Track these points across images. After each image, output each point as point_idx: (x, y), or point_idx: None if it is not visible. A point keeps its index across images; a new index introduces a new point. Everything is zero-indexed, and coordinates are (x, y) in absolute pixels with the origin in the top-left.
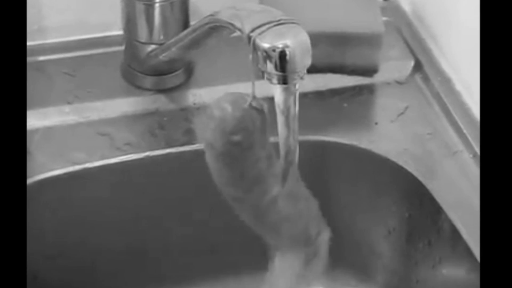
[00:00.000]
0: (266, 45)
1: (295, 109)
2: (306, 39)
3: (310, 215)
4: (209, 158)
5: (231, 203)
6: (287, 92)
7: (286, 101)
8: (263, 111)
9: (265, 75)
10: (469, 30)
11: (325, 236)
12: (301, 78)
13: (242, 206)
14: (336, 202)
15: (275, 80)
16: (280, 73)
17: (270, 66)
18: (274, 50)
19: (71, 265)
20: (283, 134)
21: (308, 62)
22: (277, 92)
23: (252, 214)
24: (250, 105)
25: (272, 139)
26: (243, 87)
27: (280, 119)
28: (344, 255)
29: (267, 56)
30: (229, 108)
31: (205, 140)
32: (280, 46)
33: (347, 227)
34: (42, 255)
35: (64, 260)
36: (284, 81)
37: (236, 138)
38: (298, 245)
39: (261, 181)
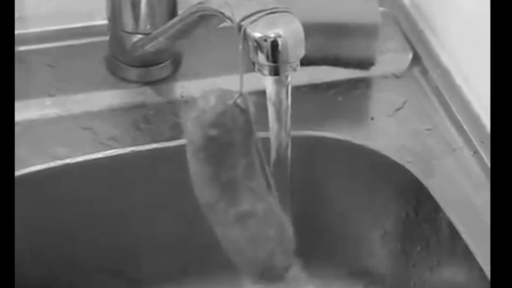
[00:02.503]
0: (257, 35)
1: (287, 101)
2: (299, 28)
3: (280, 242)
4: (187, 151)
5: (204, 210)
6: (279, 84)
7: (277, 93)
8: (247, 112)
9: (256, 66)
10: (470, 21)
11: (295, 273)
12: (294, 69)
13: (211, 213)
14: (329, 201)
15: (266, 71)
16: (271, 64)
17: (261, 57)
18: (265, 40)
19: (50, 267)
20: (274, 128)
21: (301, 52)
22: (268, 83)
23: (220, 226)
24: (235, 102)
25: (264, 134)
26: (233, 80)
27: (271, 112)
28: (337, 256)
29: (258, 46)
30: (212, 100)
31: (186, 130)
32: (272, 35)
33: (340, 227)
34: (19, 255)
35: (42, 262)
36: (275, 72)
37: (213, 132)
38: (262, 273)
39: (234, 190)
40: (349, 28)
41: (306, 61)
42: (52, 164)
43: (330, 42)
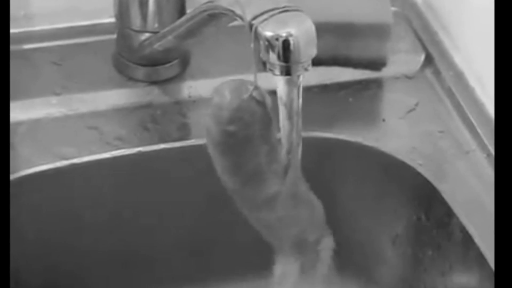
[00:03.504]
0: (268, 34)
1: (299, 102)
2: (311, 27)
3: (309, 220)
4: (208, 144)
5: (230, 194)
6: (290, 84)
7: (289, 93)
8: (264, 103)
9: (267, 66)
10: (484, 21)
11: (327, 244)
12: (306, 69)
13: (238, 199)
14: (339, 203)
15: (277, 71)
16: (283, 64)
17: (272, 56)
18: (277, 39)
19: (56, 268)
20: (285, 128)
21: (313, 52)
22: (279, 83)
23: (248, 210)
24: (251, 95)
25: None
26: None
27: (282, 112)
28: (347, 260)
29: (270, 45)
30: (228, 96)
31: (204, 125)
32: (284, 34)
33: (351, 230)
34: (25, 256)
35: (48, 263)
36: (287, 72)
37: (231, 128)
38: (294, 250)
39: (259, 176)
40: (360, 28)
41: (316, 61)
42: (58, 164)
43: (341, 42)
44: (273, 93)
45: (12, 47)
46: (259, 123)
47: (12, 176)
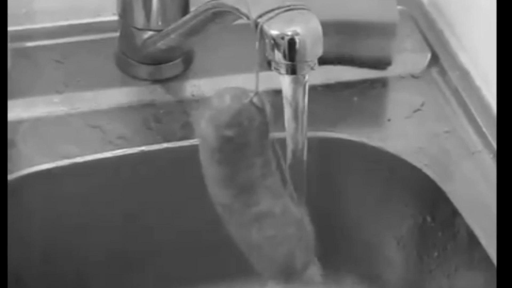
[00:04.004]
0: (274, 32)
1: (304, 101)
2: (317, 26)
3: (298, 242)
4: (201, 152)
5: (220, 211)
6: (296, 83)
7: (294, 92)
8: (264, 111)
9: (273, 65)
10: (490, 21)
11: (314, 271)
12: (312, 68)
13: (228, 216)
14: (344, 204)
15: (283, 70)
16: (288, 63)
17: (278, 55)
18: (283, 38)
19: (58, 268)
20: (291, 128)
21: (319, 51)
22: (285, 83)
23: (237, 227)
24: (251, 101)
25: (280, 134)
26: (246, 79)
27: (287, 112)
28: (351, 262)
29: (275, 44)
30: (227, 100)
31: (199, 131)
32: (290, 33)
33: (355, 231)
34: (26, 256)
35: (50, 263)
36: (292, 71)
37: (229, 132)
38: (281, 274)
39: (251, 190)
40: (365, 27)
41: (321, 60)
42: (60, 163)
43: (346, 41)
44: (279, 92)
45: (14, 45)
46: (257, 131)
47: (14, 175)
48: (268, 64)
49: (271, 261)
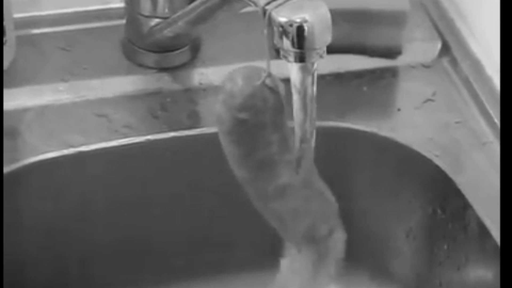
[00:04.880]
0: (282, 20)
1: (313, 90)
2: (326, 13)
3: (321, 212)
4: (219, 132)
5: (241, 183)
6: (305, 71)
7: (303, 80)
8: (277, 91)
9: (281, 53)
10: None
11: (338, 236)
12: (321, 56)
13: (250, 189)
14: (352, 195)
15: (291, 58)
16: (297, 50)
17: (286, 43)
18: (291, 25)
19: (62, 256)
20: (299, 117)
21: (328, 38)
22: (293, 70)
23: (259, 200)
24: (264, 82)
25: (288, 123)
26: None
27: (296, 100)
28: (360, 253)
29: (284, 31)
30: (240, 82)
31: (216, 112)
32: (298, 20)
33: (364, 223)
34: (30, 245)
35: (54, 251)
36: (301, 59)
37: (242, 115)
38: (305, 242)
39: (270, 166)
40: (376, 15)
41: (330, 49)
42: (65, 151)
43: (356, 29)
44: (287, 81)
45: (19, 32)
46: (271, 111)
47: (19, 164)
48: (276, 52)
49: (296, 231)
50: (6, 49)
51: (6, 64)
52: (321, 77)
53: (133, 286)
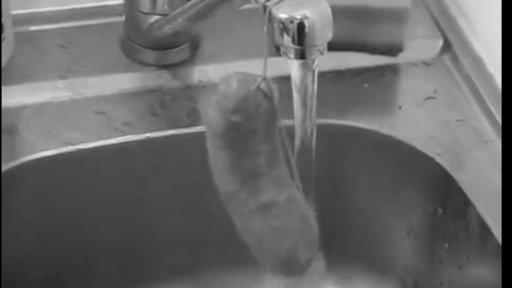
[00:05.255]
0: (283, 16)
1: (313, 87)
2: (327, 10)
3: (303, 236)
4: (207, 137)
5: (224, 200)
6: (305, 68)
7: (303, 78)
8: (271, 97)
9: (281, 49)
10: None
11: (318, 267)
12: (321, 53)
13: (232, 205)
14: (353, 193)
15: (292, 55)
16: (297, 47)
17: (287, 39)
18: (291, 22)
19: (61, 255)
20: (299, 114)
21: (329, 35)
22: (294, 68)
23: (239, 215)
24: (258, 87)
25: (288, 121)
26: (254, 64)
27: (296, 98)
28: (361, 252)
29: (284, 28)
30: (234, 85)
31: (206, 116)
32: (299, 17)
33: (364, 221)
34: (29, 242)
35: (53, 251)
36: (301, 55)
37: (234, 118)
38: (283, 268)
39: (255, 179)
40: (377, 12)
41: (330, 46)
42: (64, 149)
43: (357, 26)
44: (287, 78)
45: (17, 29)
46: (264, 118)
47: (16, 162)
48: (276, 49)
49: (273, 253)
50: (4, 46)
51: (4, 61)
52: (322, 75)
53: (131, 285)
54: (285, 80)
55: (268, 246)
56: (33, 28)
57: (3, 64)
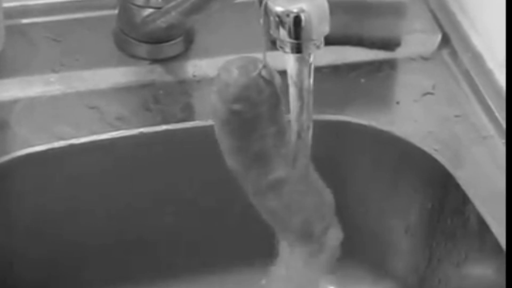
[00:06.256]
0: (279, 9)
1: (310, 81)
2: (324, 3)
3: (316, 209)
4: (214, 123)
5: (235, 176)
6: (301, 62)
7: (299, 72)
8: (273, 82)
9: (277, 43)
10: (504, 2)
11: (334, 235)
12: (318, 47)
13: (244, 183)
14: (350, 190)
15: (288, 49)
16: (294, 41)
17: (283, 33)
18: (288, 15)
19: (52, 252)
20: (295, 109)
21: (325, 29)
22: (290, 62)
23: (253, 194)
24: (260, 73)
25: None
26: None
27: (292, 92)
28: (358, 250)
29: (280, 21)
30: (235, 72)
31: (210, 102)
32: (295, 10)
33: (362, 219)
34: (20, 240)
35: (44, 246)
36: (298, 49)
37: (237, 107)
38: (299, 239)
39: (265, 159)
40: (374, 6)
41: (327, 40)
42: (56, 144)
43: (354, 20)
44: (283, 73)
45: (9, 22)
46: (267, 103)
47: (7, 157)
48: (272, 43)
49: (290, 227)
50: None
51: None
52: (318, 69)
53: (125, 282)
54: (281, 74)
55: (284, 221)
56: (25, 21)
57: None
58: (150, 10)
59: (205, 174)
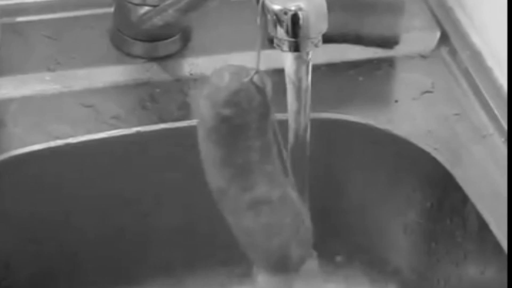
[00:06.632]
0: (276, 7)
1: (308, 80)
2: (322, 1)
3: (296, 233)
4: (199, 131)
5: (215, 196)
6: (299, 60)
7: (297, 71)
8: (264, 91)
9: (275, 42)
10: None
11: (311, 265)
12: (316, 45)
13: (223, 200)
14: (348, 189)
15: (285, 47)
16: (291, 39)
17: (280, 31)
18: (285, 13)
19: (48, 251)
20: (293, 108)
21: (323, 27)
22: (287, 60)
23: (230, 212)
24: (251, 80)
25: (282, 116)
26: (246, 57)
27: (290, 91)
28: (357, 250)
29: (278, 19)
30: (226, 77)
31: (197, 109)
32: (293, 8)
33: (360, 218)
34: (16, 240)
35: (40, 246)
36: (296, 48)
37: (226, 112)
38: (275, 266)
39: (247, 174)
40: (372, 4)
41: (325, 38)
42: (52, 143)
43: (352, 18)
44: (281, 71)
45: (4, 20)
46: (256, 112)
47: (3, 156)
48: (270, 41)
49: (265, 250)
50: None
51: None
52: (316, 67)
53: (122, 282)
54: (279, 73)
55: (260, 244)
56: (20, 19)
57: None
58: (147, 8)
59: (202, 173)
